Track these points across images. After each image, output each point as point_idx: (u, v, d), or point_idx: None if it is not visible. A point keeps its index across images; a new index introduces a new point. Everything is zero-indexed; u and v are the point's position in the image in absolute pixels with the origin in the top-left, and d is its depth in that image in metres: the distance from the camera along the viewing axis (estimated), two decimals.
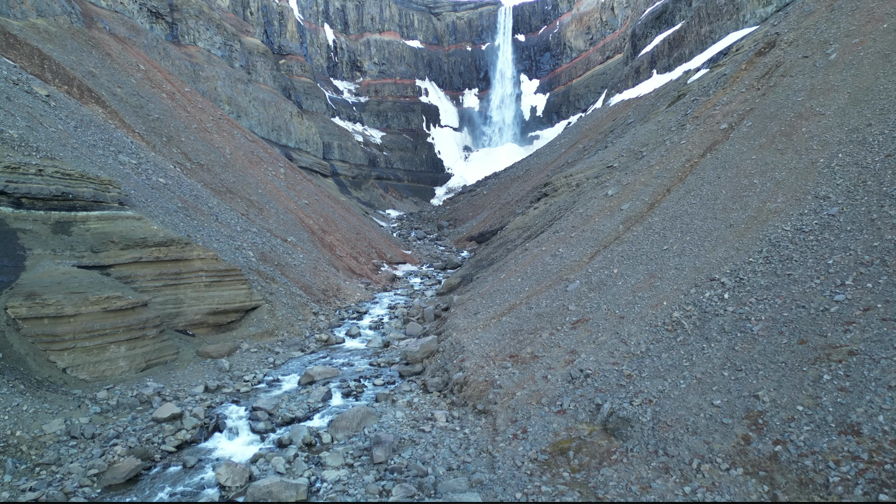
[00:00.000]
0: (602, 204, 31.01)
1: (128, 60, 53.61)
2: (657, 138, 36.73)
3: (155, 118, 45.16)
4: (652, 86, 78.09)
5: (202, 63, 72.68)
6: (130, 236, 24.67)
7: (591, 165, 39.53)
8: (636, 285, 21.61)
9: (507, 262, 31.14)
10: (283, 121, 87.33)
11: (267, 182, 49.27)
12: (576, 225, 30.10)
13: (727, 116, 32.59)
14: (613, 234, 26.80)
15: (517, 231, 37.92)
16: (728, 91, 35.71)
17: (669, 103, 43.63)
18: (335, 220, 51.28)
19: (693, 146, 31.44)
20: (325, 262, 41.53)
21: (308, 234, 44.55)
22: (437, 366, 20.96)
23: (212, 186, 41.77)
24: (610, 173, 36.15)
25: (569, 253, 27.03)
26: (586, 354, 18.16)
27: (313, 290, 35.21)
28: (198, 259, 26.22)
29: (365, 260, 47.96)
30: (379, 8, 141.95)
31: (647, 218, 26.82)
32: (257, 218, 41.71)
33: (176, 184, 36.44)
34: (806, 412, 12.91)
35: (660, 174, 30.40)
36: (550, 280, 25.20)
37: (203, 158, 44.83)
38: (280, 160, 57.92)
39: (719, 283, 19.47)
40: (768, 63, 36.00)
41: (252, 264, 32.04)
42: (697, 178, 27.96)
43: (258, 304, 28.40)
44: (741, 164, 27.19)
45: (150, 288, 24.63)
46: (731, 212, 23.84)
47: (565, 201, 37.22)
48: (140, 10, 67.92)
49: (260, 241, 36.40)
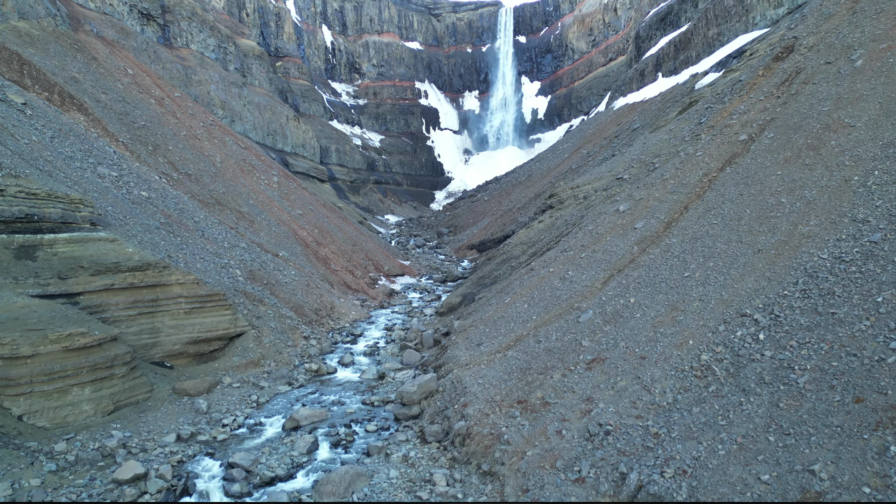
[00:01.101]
0: (613, 221, 28.95)
1: (115, 64, 51.56)
2: (670, 149, 34.68)
3: (141, 126, 43.10)
4: (657, 89, 76.07)
5: (195, 66, 70.60)
6: (102, 261, 22.60)
7: (599, 176, 37.48)
8: (657, 319, 19.54)
9: (511, 283, 29.08)
10: (279, 125, 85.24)
11: (259, 192, 47.19)
12: (585, 244, 28.03)
13: (746, 127, 30.54)
14: (627, 257, 24.73)
15: (521, 247, 35.86)
16: (745, 99, 33.66)
17: (680, 110, 41.58)
18: (330, 231, 49.18)
19: (710, 159, 29.39)
20: (318, 278, 39.46)
21: (301, 248, 42.47)
22: (436, 409, 18.89)
23: (199, 198, 39.70)
24: (620, 186, 34.10)
25: (579, 277, 24.96)
26: (605, 404, 16.09)
27: (305, 311, 33.14)
28: (177, 284, 24.16)
29: (361, 273, 45.89)
30: (378, 9, 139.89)
31: (663, 239, 24.75)
32: (247, 231, 39.64)
33: (160, 197, 34.39)
34: (874, 496, 10.85)
35: (675, 189, 28.34)
36: (560, 308, 23.13)
37: (191, 168, 42.76)
38: (273, 168, 55.83)
39: (752, 320, 17.40)
40: (788, 69, 33.96)
41: (239, 285, 29.98)
42: (717, 195, 25.89)
43: (243, 331, 26.33)
44: (765, 180, 25.14)
45: (122, 317, 22.58)
46: (759, 234, 21.78)
47: (572, 215, 35.16)
48: (130, 11, 65.86)
49: (249, 258, 34.34)
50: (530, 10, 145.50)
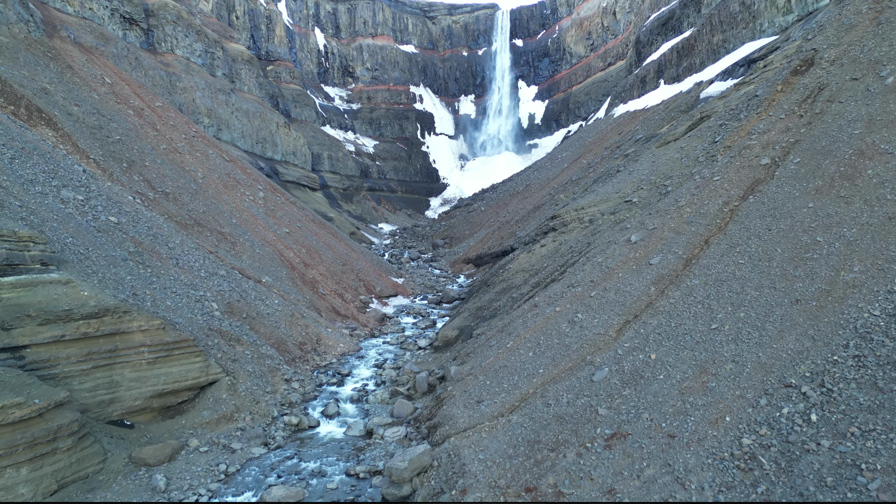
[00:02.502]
0: (625, 253, 26.44)
1: (92, 73, 48.79)
2: (683, 170, 32.23)
3: (116, 140, 40.36)
4: (660, 97, 73.76)
5: (180, 73, 67.81)
6: (52, 308, 19.94)
7: (606, 197, 35.00)
8: (684, 384, 17.03)
9: (513, 320, 26.53)
10: (269, 132, 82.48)
11: (243, 209, 44.51)
12: (595, 280, 25.51)
13: (768, 149, 28.10)
14: (644, 299, 22.22)
15: (522, 274, 33.33)
16: (764, 117, 31.22)
17: (690, 126, 39.15)
18: (319, 250, 46.54)
19: (730, 185, 26.92)
20: (304, 305, 36.83)
21: (287, 271, 39.82)
22: (430, 490, 16.31)
23: (177, 219, 37.00)
24: (629, 210, 31.62)
25: (590, 321, 22.43)
26: (630, 499, 13.57)
27: (288, 346, 30.52)
28: (139, 331, 21.51)
29: (351, 296, 43.28)
30: (372, 11, 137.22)
31: (684, 279, 22.25)
32: (228, 255, 36.97)
33: (131, 221, 31.70)
34: None
35: (693, 219, 25.85)
36: (570, 360, 20.59)
37: (170, 185, 40.04)
38: (260, 181, 53.11)
39: (799, 394, 14.92)
40: (809, 85, 31.54)
41: (214, 322, 27.33)
42: (742, 229, 23.42)
43: (216, 379, 23.69)
44: (795, 213, 22.68)
45: (75, 372, 19.93)
46: (794, 280, 19.30)
47: (577, 241, 32.66)
48: (112, 16, 63.04)
49: (228, 288, 31.69)
50: (527, 13, 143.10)
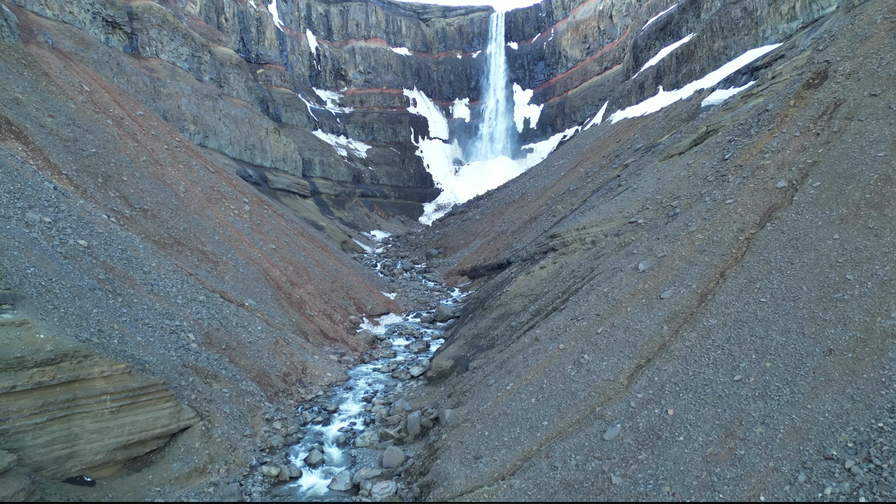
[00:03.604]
0: (633, 283, 24.60)
1: (69, 80, 46.59)
2: (691, 189, 30.45)
3: (91, 154, 38.22)
4: (659, 104, 72.15)
5: (164, 78, 65.60)
6: (2, 355, 17.88)
7: (609, 217, 33.19)
8: (708, 449, 15.18)
9: (512, 356, 24.64)
10: (258, 138, 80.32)
11: (227, 225, 42.44)
12: (601, 313, 23.66)
13: (783, 170, 26.34)
14: (657, 340, 20.37)
15: (521, 300, 31.46)
16: (777, 134, 29.48)
17: (695, 140, 37.41)
18: (307, 266, 44.52)
19: (745, 209, 25.13)
20: (290, 330, 34.83)
21: (272, 291, 37.79)
22: None
23: (155, 239, 34.92)
24: (635, 233, 29.80)
25: (597, 363, 20.56)
26: None
27: (271, 378, 28.53)
28: (101, 377, 19.47)
29: (341, 317, 41.28)
30: (364, 13, 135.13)
31: (700, 318, 20.42)
32: (209, 276, 34.91)
33: (103, 244, 29.61)
34: None
35: (706, 247, 24.04)
36: (577, 411, 18.72)
37: (148, 201, 37.94)
38: (246, 193, 51.01)
39: (843, 470, 13.10)
40: (824, 100, 29.83)
41: (189, 356, 25.32)
42: (761, 261, 21.62)
43: (189, 424, 21.68)
44: (819, 245, 20.90)
45: (28, 426, 17.89)
46: (825, 326, 17.49)
47: (580, 265, 30.82)
48: (93, 19, 60.73)
49: (207, 315, 29.66)
50: (522, 16, 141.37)
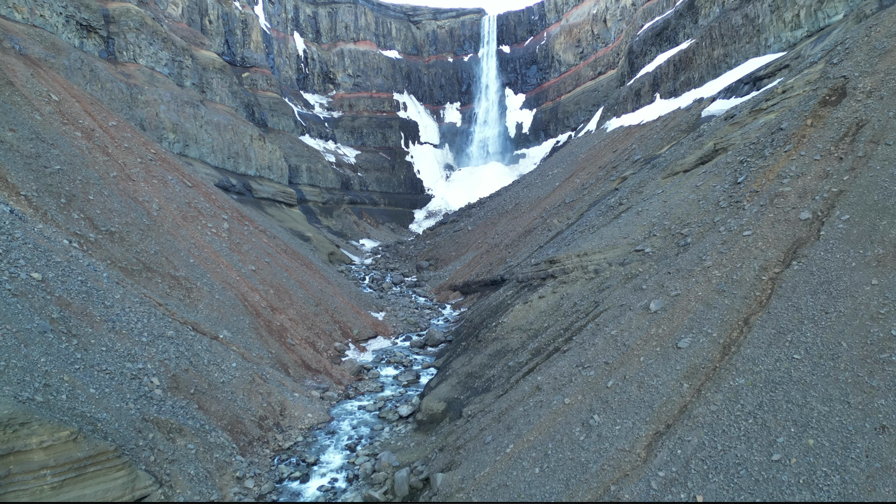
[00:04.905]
0: (644, 326, 22.28)
1: (36, 90, 43.68)
2: (702, 216, 28.20)
3: (55, 171, 35.42)
4: (656, 112, 70.11)
5: (142, 84, 62.66)
6: None
7: (612, 243, 30.89)
8: None
9: (511, 406, 22.23)
10: (242, 146, 77.48)
11: (203, 246, 39.74)
12: (610, 362, 21.31)
13: (805, 199, 24.13)
14: (676, 400, 18.03)
15: (519, 334, 29.07)
16: (795, 156, 27.29)
17: (702, 158, 35.22)
18: (290, 288, 41.89)
19: (765, 243, 22.88)
20: (268, 363, 32.27)
21: (250, 319, 35.18)
22: None
23: (121, 265, 32.22)
24: (642, 263, 27.50)
25: (609, 427, 18.19)
26: None
27: (245, 425, 25.96)
28: (40, 448, 16.87)
29: (325, 344, 38.71)
30: (354, 15, 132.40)
31: (724, 376, 18.10)
32: (180, 306, 32.26)
33: (61, 275, 26.88)
34: None
35: (725, 287, 21.75)
36: (589, 489, 16.33)
37: (116, 222, 35.20)
38: (226, 209, 48.26)
39: None
40: (844, 120, 27.71)
41: (151, 407, 22.72)
42: (790, 308, 19.34)
43: (146, 493, 19.11)
44: (856, 291, 18.65)
45: None
46: (873, 394, 15.21)
47: (582, 296, 28.48)
48: (67, 23, 57.73)
49: (175, 353, 27.03)
50: (514, 19, 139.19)
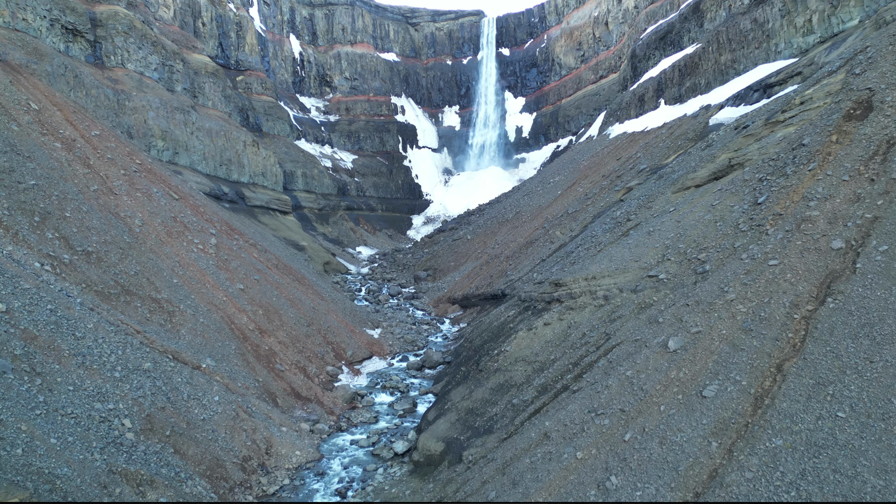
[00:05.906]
0: (663, 368, 20.26)
1: (15, 98, 41.56)
2: (721, 240, 26.20)
3: (29, 186, 33.33)
4: (661, 118, 68.19)
5: (130, 90, 60.57)
6: None
7: (622, 266, 28.90)
8: None
9: (517, 457, 20.21)
10: (235, 153, 75.40)
11: (188, 264, 37.66)
12: (627, 409, 19.29)
13: (836, 226, 22.14)
14: (705, 462, 16.00)
15: (524, 366, 27.05)
16: (821, 176, 25.30)
17: (715, 173, 33.27)
18: (280, 308, 39.82)
19: (795, 276, 20.88)
20: (255, 393, 30.24)
21: (237, 345, 33.13)
22: None
23: (97, 289, 30.15)
24: (657, 291, 25.50)
25: (629, 492, 16.16)
26: None
27: (226, 468, 23.91)
28: None
29: (316, 368, 36.66)
30: (351, 17, 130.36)
31: (759, 434, 16.06)
32: (161, 332, 30.21)
33: (29, 304, 24.80)
34: None
35: (752, 326, 19.74)
36: None
37: (94, 241, 33.12)
38: (214, 223, 46.16)
39: None
40: (873, 136, 25.74)
41: (120, 457, 20.66)
42: (829, 354, 17.33)
43: None
44: None
45: None
46: None
47: (592, 326, 26.47)
48: (51, 27, 55.62)
49: (151, 389, 24.98)
50: (514, 21, 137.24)
